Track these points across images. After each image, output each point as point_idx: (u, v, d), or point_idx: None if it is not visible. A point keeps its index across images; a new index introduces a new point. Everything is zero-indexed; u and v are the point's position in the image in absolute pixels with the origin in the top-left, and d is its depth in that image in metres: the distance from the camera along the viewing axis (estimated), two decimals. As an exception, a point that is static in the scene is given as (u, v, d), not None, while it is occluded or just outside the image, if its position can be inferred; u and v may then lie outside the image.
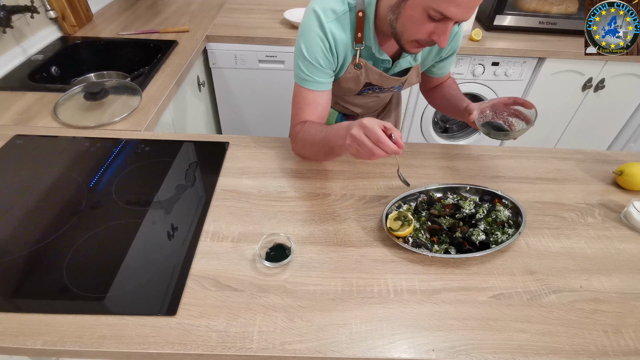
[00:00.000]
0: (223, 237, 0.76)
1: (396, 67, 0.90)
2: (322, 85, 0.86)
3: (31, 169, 0.89)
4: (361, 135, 0.68)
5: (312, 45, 0.81)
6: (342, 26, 0.81)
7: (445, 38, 0.71)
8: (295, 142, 0.92)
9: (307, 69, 0.84)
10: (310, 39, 0.81)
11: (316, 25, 0.80)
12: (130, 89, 1.19)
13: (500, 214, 0.79)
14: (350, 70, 0.88)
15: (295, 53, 0.86)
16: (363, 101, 1.09)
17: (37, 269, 0.69)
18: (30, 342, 0.58)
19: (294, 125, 0.91)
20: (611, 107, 1.94)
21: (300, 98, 0.88)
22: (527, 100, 0.84)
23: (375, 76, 0.90)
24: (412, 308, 0.66)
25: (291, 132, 0.92)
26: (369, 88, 0.95)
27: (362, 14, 0.80)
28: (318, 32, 0.80)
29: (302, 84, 0.86)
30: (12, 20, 1.24)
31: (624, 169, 0.92)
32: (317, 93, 0.86)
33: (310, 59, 0.82)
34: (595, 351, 0.61)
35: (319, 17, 0.79)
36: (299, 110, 0.89)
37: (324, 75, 0.85)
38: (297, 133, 0.89)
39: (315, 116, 0.88)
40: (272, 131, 2.00)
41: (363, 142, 0.68)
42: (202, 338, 0.60)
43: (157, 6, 1.90)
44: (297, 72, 0.87)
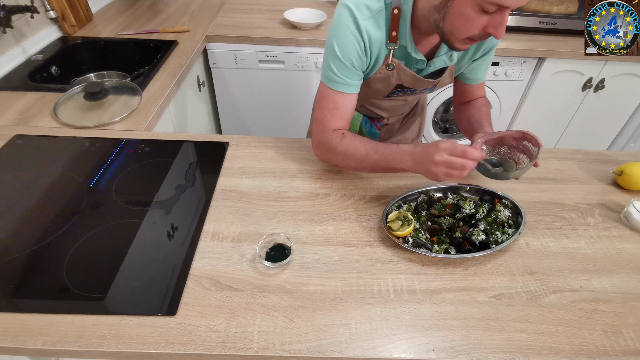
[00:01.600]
0: (223, 237, 0.76)
1: (430, 67, 0.86)
2: (352, 88, 0.83)
3: (31, 169, 0.89)
4: (446, 157, 0.71)
5: (346, 45, 0.77)
6: (377, 24, 0.77)
7: (503, 29, 0.67)
8: (330, 152, 0.86)
9: (339, 69, 0.80)
10: (344, 37, 0.77)
11: (351, 23, 0.76)
12: (130, 89, 1.19)
13: (500, 214, 0.79)
14: (382, 70, 0.85)
15: (326, 52, 0.81)
16: (390, 104, 1.06)
17: (37, 269, 0.69)
18: (30, 342, 0.58)
19: (326, 131, 0.85)
20: (611, 107, 1.94)
21: (330, 101, 0.83)
22: (535, 137, 0.79)
23: (408, 78, 0.87)
24: (412, 308, 0.66)
25: (321, 137, 0.86)
26: (399, 90, 0.92)
27: (398, 11, 0.76)
28: (353, 30, 0.76)
29: (332, 86, 0.82)
30: (12, 20, 1.24)
31: (624, 169, 0.92)
32: (346, 96, 0.83)
33: (344, 59, 0.78)
34: (595, 351, 0.61)
35: (353, 14, 0.75)
36: (329, 115, 0.84)
37: (355, 76, 0.82)
38: (337, 145, 0.84)
39: (345, 121, 0.85)
40: (272, 131, 2.00)
41: (452, 162, 0.71)
42: (202, 338, 0.60)
43: (157, 6, 1.90)
44: (326, 73, 0.82)
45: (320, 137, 0.86)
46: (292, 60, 1.71)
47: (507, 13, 0.67)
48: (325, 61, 0.82)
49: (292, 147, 1.00)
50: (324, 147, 0.87)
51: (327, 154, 0.88)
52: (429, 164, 0.73)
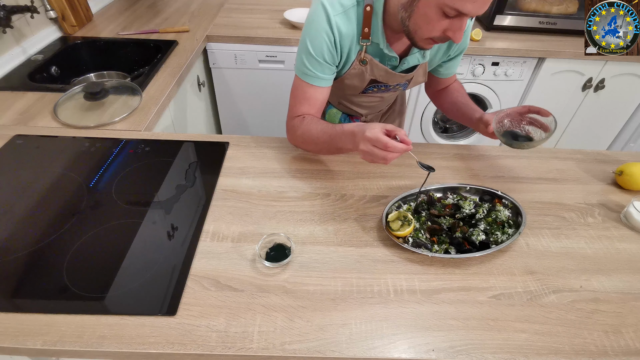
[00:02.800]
0: (223, 237, 0.76)
1: (404, 64, 0.89)
2: (323, 82, 0.86)
3: (31, 169, 0.89)
4: (369, 147, 0.73)
5: (318, 40, 0.80)
6: (349, 20, 0.80)
7: (461, 34, 0.71)
8: (293, 135, 0.93)
9: (311, 64, 0.83)
10: (315, 33, 0.80)
11: (323, 18, 0.78)
12: (130, 89, 1.19)
13: (500, 214, 0.79)
14: (355, 66, 0.87)
15: (299, 46, 0.85)
16: (367, 101, 1.08)
17: (37, 269, 0.69)
18: (30, 342, 0.58)
19: (292, 117, 0.91)
20: (611, 107, 1.94)
21: (300, 91, 0.88)
22: (543, 108, 0.84)
23: (381, 72, 0.90)
24: (412, 308, 0.66)
25: (288, 123, 0.92)
26: (373, 85, 0.94)
27: (370, 8, 0.78)
28: (324, 26, 0.79)
29: (304, 78, 0.86)
30: (12, 20, 1.24)
31: (624, 169, 0.92)
32: (317, 89, 0.87)
33: (315, 54, 0.81)
34: (595, 351, 0.61)
35: (325, 10, 0.78)
36: (297, 103, 0.89)
37: (326, 71, 0.85)
38: (297, 128, 0.89)
39: (313, 110, 0.89)
40: (272, 131, 2.00)
41: (374, 153, 0.72)
42: (202, 338, 0.60)
43: (157, 6, 1.89)
44: (299, 66, 0.86)
45: (288, 123, 0.93)
46: (292, 60, 1.71)
47: (466, 20, 0.70)
48: (298, 55, 0.86)
49: (292, 147, 1.00)
50: (290, 132, 0.94)
51: (292, 138, 0.94)
52: (358, 148, 0.76)
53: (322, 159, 0.97)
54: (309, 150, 0.96)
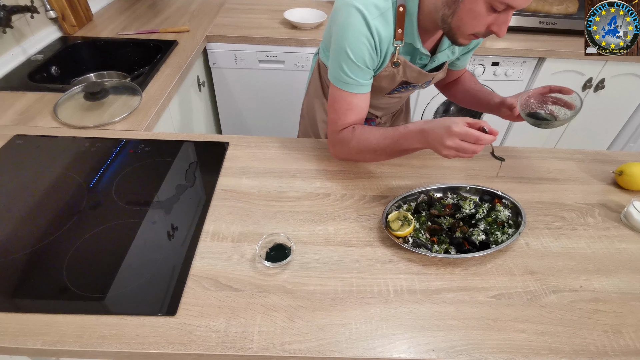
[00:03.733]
0: (223, 237, 0.76)
1: (434, 61, 0.88)
2: (364, 88, 0.84)
3: (31, 169, 0.89)
4: (458, 142, 0.71)
5: (359, 46, 0.77)
6: (386, 22, 0.78)
7: (506, 27, 0.71)
8: (344, 147, 0.88)
9: (352, 71, 0.80)
10: (355, 39, 0.77)
11: (361, 23, 0.75)
12: (130, 89, 1.19)
13: (500, 214, 0.79)
14: (387, 68, 0.85)
15: (336, 54, 0.81)
16: (387, 102, 1.06)
17: (37, 269, 0.69)
18: (30, 342, 0.58)
19: (338, 130, 0.87)
20: (611, 107, 1.94)
21: (343, 102, 0.84)
22: (565, 87, 0.84)
23: (414, 74, 0.88)
24: (412, 308, 0.66)
25: (334, 137, 0.88)
26: (402, 86, 0.93)
27: (403, 9, 0.77)
28: (364, 31, 0.76)
29: (345, 88, 0.83)
30: (12, 20, 1.24)
31: (624, 169, 0.92)
32: (360, 96, 0.84)
33: (357, 60, 0.79)
34: (595, 351, 0.61)
35: (363, 14, 0.75)
36: (342, 115, 0.85)
37: (367, 76, 0.82)
38: (349, 140, 0.86)
39: (359, 119, 0.86)
40: (272, 131, 2.00)
41: (463, 148, 0.71)
42: (202, 338, 0.60)
43: (157, 6, 1.89)
44: (338, 75, 0.82)
45: (334, 137, 0.89)
46: (292, 60, 1.71)
47: (511, 13, 0.70)
48: (335, 63, 0.81)
49: (292, 147, 1.00)
50: (338, 145, 0.89)
51: (342, 151, 0.90)
52: (439, 146, 0.74)
53: (323, 158, 0.97)
54: (363, 160, 0.93)
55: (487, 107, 0.98)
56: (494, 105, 0.95)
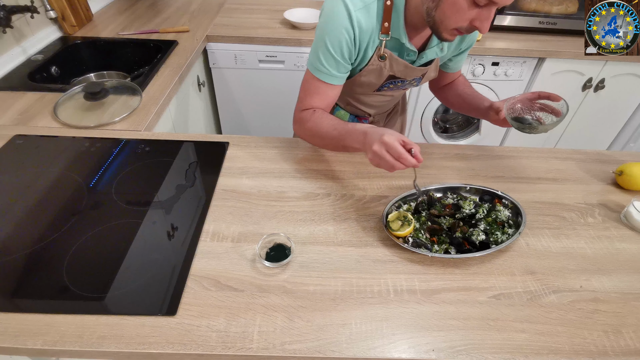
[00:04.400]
0: (223, 237, 0.76)
1: (422, 58, 0.88)
2: (336, 79, 0.85)
3: (31, 169, 0.89)
4: (382, 151, 0.72)
5: (337, 37, 0.79)
6: (369, 15, 0.78)
7: (488, 24, 0.71)
8: (301, 127, 0.91)
9: (327, 61, 0.82)
10: (334, 29, 0.78)
11: (343, 14, 0.77)
12: (130, 89, 1.19)
13: (500, 214, 0.79)
14: (374, 62, 0.86)
15: (315, 42, 0.83)
16: (378, 100, 1.07)
17: (37, 269, 0.69)
18: (30, 342, 0.58)
19: (301, 109, 0.90)
20: (611, 107, 1.94)
21: (312, 85, 0.87)
22: (553, 93, 0.84)
23: (401, 68, 0.88)
24: (412, 308, 0.66)
25: (297, 115, 0.91)
26: (390, 82, 0.93)
27: (391, 2, 0.78)
28: (344, 22, 0.77)
29: (317, 75, 0.85)
30: (12, 20, 1.24)
31: (624, 169, 0.92)
32: (329, 86, 0.86)
33: (334, 51, 0.80)
34: (595, 351, 0.61)
35: (346, 5, 0.76)
36: (308, 96, 0.88)
37: (341, 68, 0.84)
38: (306, 120, 0.88)
39: (323, 105, 0.89)
40: (272, 131, 2.00)
41: (384, 158, 0.72)
42: (202, 338, 0.60)
43: (157, 6, 1.89)
44: (313, 61, 0.84)
45: (297, 114, 0.92)
46: (292, 60, 1.71)
47: (494, 9, 0.70)
48: (314, 50, 0.84)
49: (292, 147, 1.00)
50: (297, 123, 0.92)
51: (300, 130, 0.92)
52: (368, 149, 0.75)
53: (323, 158, 0.97)
54: (314, 144, 0.95)
55: (477, 111, 0.98)
56: (483, 110, 0.95)
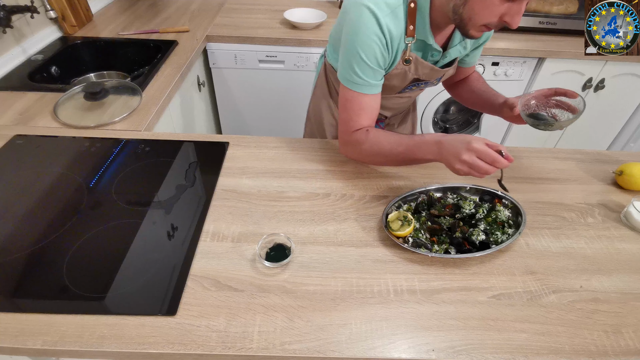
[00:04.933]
0: (223, 237, 0.76)
1: (445, 57, 0.87)
2: (376, 88, 0.83)
3: (31, 169, 0.89)
4: (474, 159, 0.71)
5: (370, 46, 0.77)
6: (397, 20, 0.77)
7: (519, 18, 0.69)
8: (356, 149, 0.88)
9: (364, 72, 0.79)
10: (367, 39, 0.76)
11: (373, 22, 0.75)
12: (130, 89, 1.19)
13: (500, 214, 0.79)
14: (399, 66, 0.85)
15: (347, 55, 0.80)
16: (396, 102, 1.05)
17: (37, 269, 0.69)
18: (30, 342, 0.58)
19: (350, 131, 0.87)
20: (611, 107, 1.94)
21: (354, 103, 0.84)
22: (569, 90, 0.83)
23: (426, 70, 0.87)
24: (412, 308, 0.66)
25: (347, 138, 0.88)
26: (414, 84, 0.92)
27: (414, 4, 0.76)
28: (375, 30, 0.75)
29: (356, 89, 0.82)
30: (12, 20, 1.24)
31: (624, 169, 0.92)
32: (371, 97, 0.83)
33: (369, 61, 0.78)
34: (595, 351, 0.61)
35: (374, 13, 0.74)
36: (354, 116, 0.85)
37: (378, 76, 0.82)
38: (362, 142, 0.85)
39: (371, 120, 0.86)
40: (272, 131, 2.00)
41: (477, 165, 0.71)
42: (202, 338, 0.60)
43: (157, 6, 1.90)
44: (349, 76, 0.81)
45: (346, 138, 0.89)
46: (292, 60, 1.71)
47: (525, 3, 0.68)
48: (346, 63, 0.81)
49: (292, 147, 1.00)
50: (350, 146, 0.90)
51: (354, 152, 0.90)
52: (454, 160, 0.74)
53: (323, 159, 0.97)
54: (373, 163, 0.93)
55: (490, 107, 0.98)
56: (497, 106, 0.95)
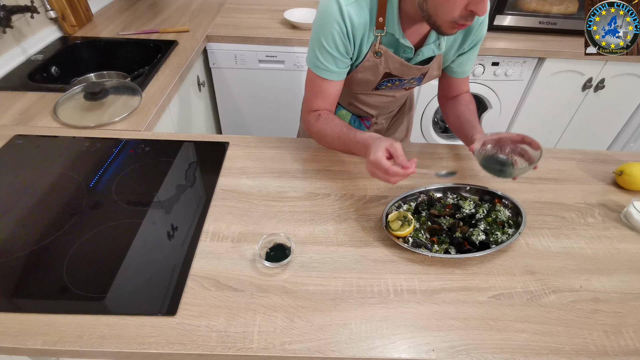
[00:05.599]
0: (223, 237, 0.76)
1: (418, 55, 0.86)
2: (336, 75, 0.85)
3: (31, 169, 0.89)
4: (372, 169, 0.74)
5: (329, 31, 0.78)
6: (361, 9, 0.77)
7: (484, 5, 0.66)
8: (308, 130, 0.94)
9: (323, 56, 0.82)
10: (327, 24, 0.78)
11: (335, 9, 0.76)
12: (130, 89, 1.19)
13: (500, 214, 0.79)
14: (369, 58, 0.85)
15: (311, 39, 0.83)
16: (379, 100, 1.06)
17: (37, 269, 0.69)
18: (30, 342, 0.58)
19: (308, 111, 0.92)
20: (611, 107, 1.94)
21: (314, 85, 0.88)
22: (535, 141, 0.79)
23: (396, 65, 0.87)
24: (412, 308, 0.66)
25: (304, 116, 0.94)
26: (388, 80, 0.92)
27: None
28: (336, 16, 0.77)
29: (316, 72, 0.85)
30: (12, 20, 1.24)
31: (624, 169, 0.92)
32: (330, 82, 0.86)
33: (328, 47, 0.80)
34: (595, 351, 0.61)
35: (338, 1, 0.76)
36: (311, 97, 0.90)
37: (339, 64, 0.83)
38: (312, 125, 0.91)
39: (327, 104, 0.90)
40: (272, 131, 2.00)
41: (377, 175, 0.73)
42: (202, 338, 0.60)
43: (157, 6, 1.89)
44: (312, 59, 0.85)
45: (303, 115, 0.95)
46: (292, 60, 1.71)
47: None
48: (311, 47, 0.84)
49: (292, 147, 1.00)
50: (305, 124, 0.95)
51: (308, 130, 0.95)
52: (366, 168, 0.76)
53: (323, 158, 0.97)
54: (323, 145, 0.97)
55: (465, 139, 0.94)
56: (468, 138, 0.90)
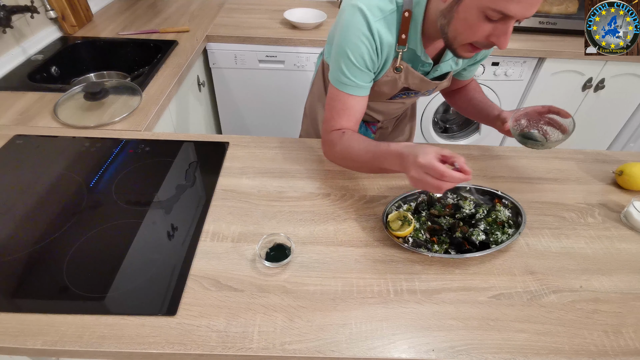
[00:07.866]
0: (223, 237, 0.76)
1: (436, 71, 0.86)
2: (363, 90, 0.82)
3: (31, 169, 0.89)
4: (421, 174, 0.66)
5: (359, 47, 0.76)
6: (388, 26, 0.76)
7: (506, 39, 0.65)
8: (330, 149, 0.87)
9: (351, 72, 0.79)
10: (356, 39, 0.75)
11: (363, 24, 0.74)
12: (130, 89, 1.19)
13: (500, 214, 0.79)
14: (389, 73, 0.84)
15: (336, 54, 0.80)
16: (389, 107, 1.05)
17: (37, 269, 0.69)
18: (30, 342, 0.58)
19: (329, 130, 0.86)
20: (611, 107, 1.94)
21: (339, 102, 0.83)
22: (563, 109, 0.82)
23: (415, 80, 0.86)
24: (412, 308, 0.66)
25: (325, 137, 0.87)
26: (404, 92, 0.91)
27: (409, 14, 0.75)
28: (365, 32, 0.75)
29: (343, 89, 0.81)
30: (12, 20, 1.24)
31: (624, 169, 0.92)
32: (357, 98, 0.82)
33: (356, 61, 0.77)
34: (595, 351, 0.61)
35: (365, 15, 0.74)
36: (335, 115, 0.84)
37: (366, 78, 0.81)
38: (335, 143, 0.84)
39: (352, 122, 0.84)
40: (272, 131, 2.00)
41: (426, 181, 0.66)
42: (202, 338, 0.60)
43: (157, 6, 1.89)
44: (337, 75, 0.81)
45: (325, 137, 0.87)
46: (292, 60, 1.71)
47: (512, 23, 0.64)
48: (335, 63, 0.81)
49: (292, 147, 1.00)
50: (326, 145, 0.88)
51: (329, 152, 0.88)
52: (408, 174, 0.70)
53: (323, 158, 0.97)
54: (348, 167, 0.91)
55: (485, 118, 0.97)
56: (491, 118, 0.93)
